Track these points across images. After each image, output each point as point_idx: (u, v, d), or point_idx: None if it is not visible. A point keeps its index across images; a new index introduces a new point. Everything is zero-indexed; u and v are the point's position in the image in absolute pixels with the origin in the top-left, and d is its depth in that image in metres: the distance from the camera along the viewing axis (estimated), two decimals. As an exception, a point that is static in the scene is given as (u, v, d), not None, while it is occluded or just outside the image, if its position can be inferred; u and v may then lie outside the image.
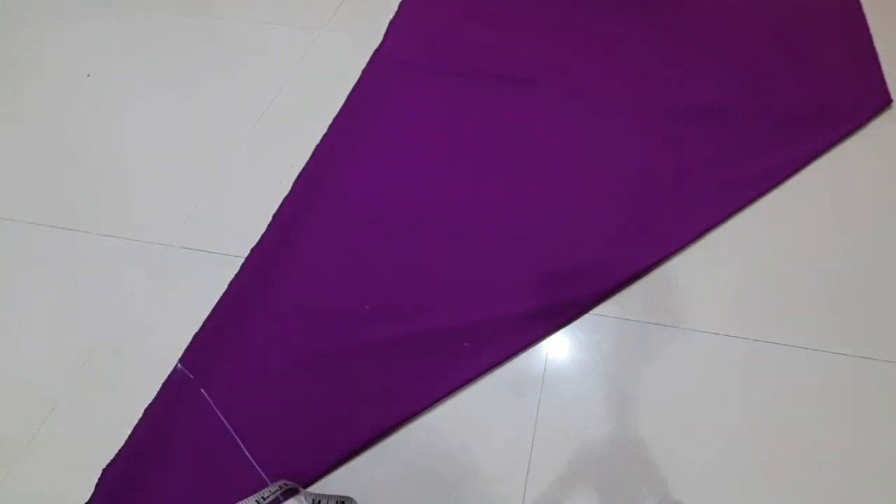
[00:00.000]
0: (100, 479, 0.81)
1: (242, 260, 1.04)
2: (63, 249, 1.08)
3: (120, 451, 0.83)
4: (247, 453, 0.82)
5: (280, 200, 1.13)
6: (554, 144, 1.21)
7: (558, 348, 0.93)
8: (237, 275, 1.02)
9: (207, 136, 1.26)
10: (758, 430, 0.83)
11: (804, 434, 0.83)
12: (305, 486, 0.80)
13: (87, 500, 0.79)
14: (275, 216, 1.10)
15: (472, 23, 1.48)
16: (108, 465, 0.82)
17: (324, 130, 1.24)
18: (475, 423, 0.85)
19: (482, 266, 1.02)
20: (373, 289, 0.99)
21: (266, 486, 0.78)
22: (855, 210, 1.07)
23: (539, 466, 0.81)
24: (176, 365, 0.91)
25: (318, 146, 1.22)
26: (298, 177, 1.16)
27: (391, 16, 1.50)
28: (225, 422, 0.85)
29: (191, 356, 0.92)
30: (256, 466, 0.81)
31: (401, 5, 1.53)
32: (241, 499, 0.76)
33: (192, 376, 0.90)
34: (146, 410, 0.87)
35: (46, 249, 1.08)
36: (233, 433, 0.84)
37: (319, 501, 0.76)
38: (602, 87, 1.31)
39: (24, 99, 1.36)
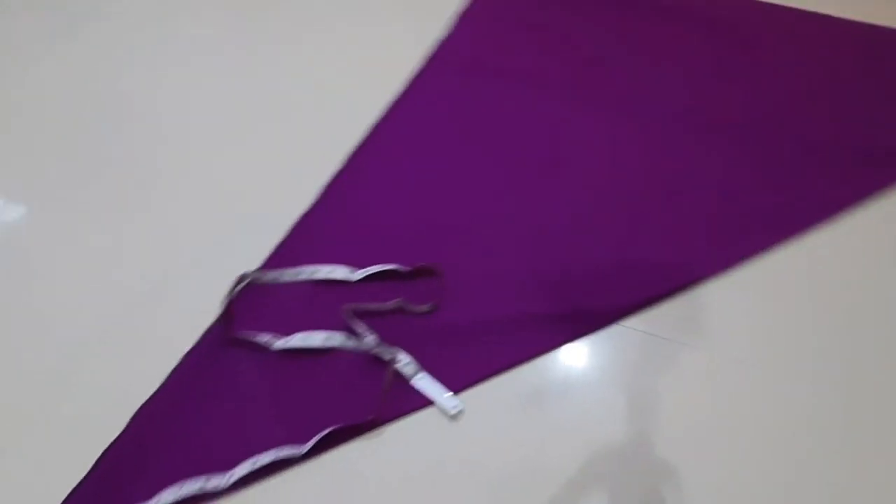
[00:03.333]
0: (135, 416, 0.80)
1: (288, 227, 1.02)
2: (131, 199, 1.08)
3: (155, 392, 0.83)
4: (271, 410, 0.81)
5: (329, 174, 1.10)
6: (605, 155, 1.15)
7: (582, 354, 0.88)
8: (283, 241, 1.01)
9: (268, 104, 1.24)
10: (775, 464, 0.78)
11: (823, 472, 0.77)
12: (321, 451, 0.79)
13: (120, 431, 0.79)
14: (325, 188, 1.08)
15: (541, 30, 1.43)
16: (145, 404, 0.81)
17: (379, 113, 1.21)
18: (490, 420, 0.81)
19: (518, 263, 0.98)
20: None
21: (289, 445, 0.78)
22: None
23: (550, 469, 0.77)
24: (215, 321, 0.90)
25: (372, 127, 1.19)
26: (351, 154, 1.14)
27: (461, 9, 1.46)
28: (257, 383, 0.84)
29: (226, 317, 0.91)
30: (281, 424, 0.79)
31: (472, 1, 1.49)
32: (260, 452, 0.76)
33: (229, 336, 0.88)
34: (183, 358, 0.86)
35: (115, 198, 1.08)
36: (261, 394, 0.83)
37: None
38: (666, 103, 1.25)
39: (106, 53, 1.38)
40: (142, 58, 1.36)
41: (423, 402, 0.82)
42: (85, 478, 0.75)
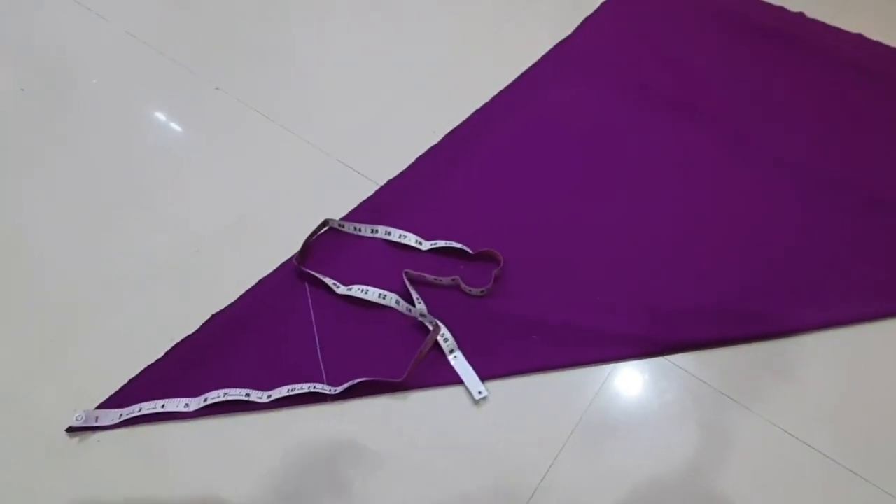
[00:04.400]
0: (207, 321, 0.88)
1: (377, 187, 1.06)
2: (252, 129, 1.15)
3: (230, 305, 0.90)
4: (318, 350, 0.85)
5: (427, 147, 1.12)
6: (706, 184, 1.07)
7: (619, 379, 0.84)
8: (369, 197, 1.04)
9: (391, 72, 1.27)
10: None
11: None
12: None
13: (192, 332, 0.87)
14: (418, 159, 1.10)
15: (663, 44, 1.33)
16: (217, 313, 0.89)
17: (487, 98, 1.20)
18: (511, 417, 0.80)
19: (582, 273, 0.94)
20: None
21: (322, 381, 0.82)
22: None
23: (554, 479, 0.75)
24: (294, 255, 0.95)
25: (477, 111, 1.18)
26: (450, 132, 1.14)
27: (588, 13, 1.41)
28: (313, 319, 0.88)
29: (303, 253, 0.96)
30: (321, 363, 0.84)
31: (601, 6, 1.42)
32: (299, 381, 0.81)
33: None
34: (260, 281, 0.93)
35: (239, 124, 1.16)
36: (314, 329, 0.87)
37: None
38: (789, 145, 1.13)
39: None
40: (293, 10, 1.44)
41: (454, 379, 0.83)
42: (155, 362, 0.84)
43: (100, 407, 0.80)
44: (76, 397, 0.80)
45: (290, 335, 0.87)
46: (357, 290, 0.90)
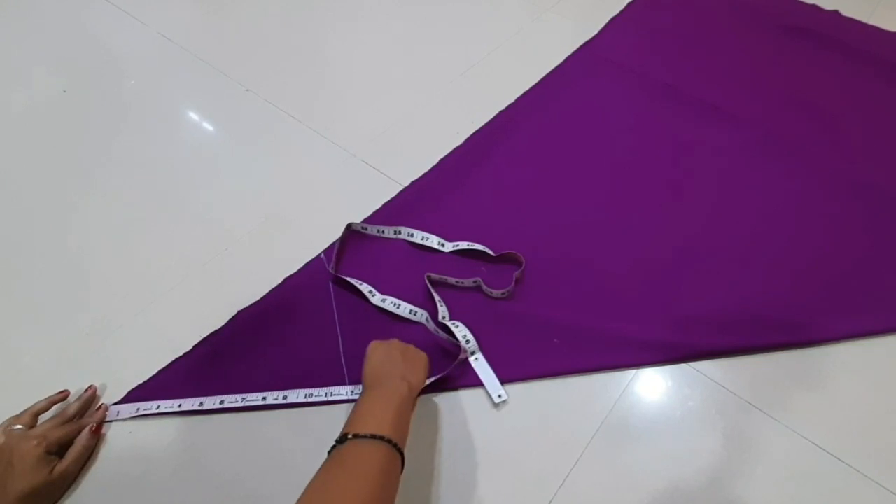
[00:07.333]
0: (233, 318, 0.87)
1: (401, 188, 1.03)
2: (280, 130, 1.14)
3: (255, 302, 0.88)
4: (341, 351, 0.83)
5: (451, 148, 1.09)
6: (733, 186, 1.02)
7: (642, 384, 0.80)
8: (392, 199, 1.01)
9: (416, 73, 1.25)
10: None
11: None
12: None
13: (218, 328, 0.86)
14: (441, 160, 1.07)
15: (693, 43, 1.28)
16: (243, 309, 0.87)
17: (512, 100, 1.17)
18: (530, 421, 0.76)
19: (607, 277, 0.90)
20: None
21: (344, 383, 0.80)
22: None
23: (573, 485, 0.71)
24: (320, 254, 0.94)
25: (501, 112, 1.15)
26: (473, 134, 1.11)
27: (615, 13, 1.36)
28: (336, 318, 0.86)
29: (331, 251, 0.94)
30: (343, 365, 0.81)
31: (627, 6, 1.37)
32: (318, 385, 0.79)
33: (329, 268, 0.92)
34: (285, 279, 0.91)
35: (268, 125, 1.15)
36: (338, 330, 0.85)
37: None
38: (820, 152, 1.06)
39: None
40: (320, 13, 1.42)
41: (474, 382, 0.80)
42: (180, 357, 0.83)
43: (123, 400, 0.79)
44: (107, 390, 0.81)
45: (313, 333, 0.85)
46: (389, 304, 0.87)
